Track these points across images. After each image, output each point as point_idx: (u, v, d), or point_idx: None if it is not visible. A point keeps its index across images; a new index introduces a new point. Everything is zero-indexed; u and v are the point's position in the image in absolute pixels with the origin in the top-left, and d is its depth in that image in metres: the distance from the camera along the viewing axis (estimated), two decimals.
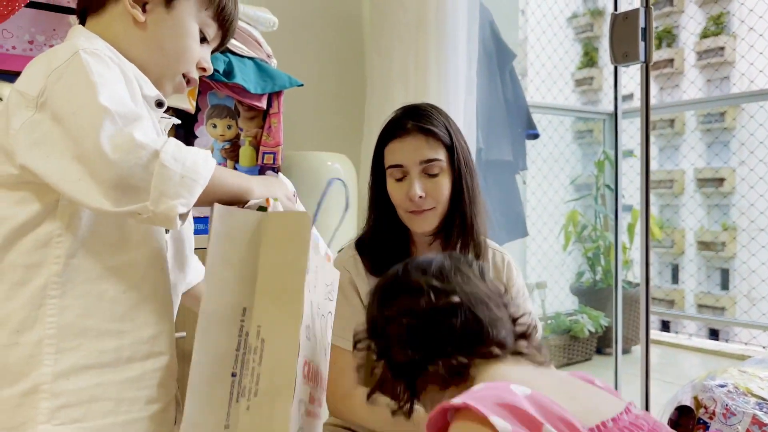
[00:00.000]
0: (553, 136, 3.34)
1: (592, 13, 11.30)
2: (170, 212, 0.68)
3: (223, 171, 0.77)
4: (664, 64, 11.45)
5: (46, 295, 0.72)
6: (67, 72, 0.71)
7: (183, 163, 0.69)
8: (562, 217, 3.44)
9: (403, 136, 1.12)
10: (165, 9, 0.83)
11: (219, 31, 0.90)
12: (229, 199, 0.76)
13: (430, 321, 0.73)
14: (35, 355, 0.72)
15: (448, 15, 1.68)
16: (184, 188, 0.69)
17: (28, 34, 1.19)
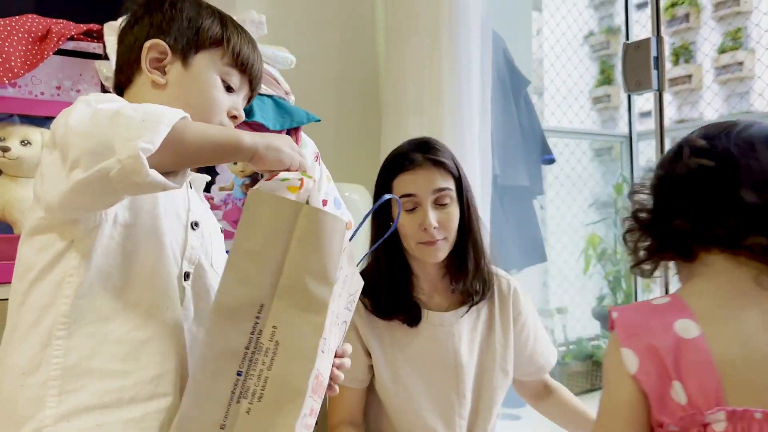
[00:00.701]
0: (570, 159, 3.33)
1: (607, 32, 11.29)
2: (133, 152, 0.64)
3: (203, 124, 0.77)
4: (682, 80, 11.38)
5: (53, 336, 0.73)
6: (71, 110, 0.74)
7: (144, 110, 0.68)
8: (582, 241, 3.42)
9: (414, 168, 1.15)
10: (183, 67, 0.87)
11: (242, 76, 0.92)
12: (215, 151, 0.75)
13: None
14: (40, 396, 0.72)
15: (461, 46, 1.71)
16: (146, 129, 0.66)
17: (56, 79, 1.24)
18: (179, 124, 0.69)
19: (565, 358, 2.99)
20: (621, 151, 3.19)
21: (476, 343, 1.23)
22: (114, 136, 0.66)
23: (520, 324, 1.26)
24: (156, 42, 0.86)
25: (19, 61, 1.14)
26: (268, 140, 0.77)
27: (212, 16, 0.91)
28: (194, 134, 0.72)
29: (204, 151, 0.74)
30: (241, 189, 1.47)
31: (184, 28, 0.88)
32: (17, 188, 1.15)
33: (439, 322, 1.21)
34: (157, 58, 0.87)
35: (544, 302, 3.23)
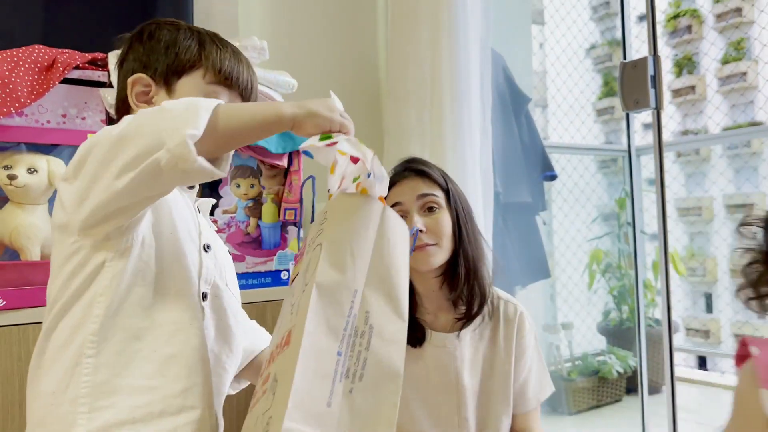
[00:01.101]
0: (573, 174, 3.34)
1: (610, 44, 11.32)
2: (181, 140, 0.68)
3: (242, 103, 0.80)
4: (686, 91, 11.39)
5: (83, 354, 0.76)
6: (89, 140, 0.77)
7: (184, 101, 0.73)
8: (586, 256, 3.42)
9: (399, 180, 1.19)
10: (168, 96, 0.88)
11: (230, 92, 0.91)
12: (258, 127, 0.76)
13: None
14: (70, 413, 0.74)
15: (461, 67, 1.73)
16: (189, 116, 0.70)
17: (62, 108, 1.26)
18: (219, 107, 0.73)
19: (571, 374, 2.97)
20: (624, 164, 3.20)
21: (479, 367, 1.22)
22: (161, 129, 0.70)
23: (521, 350, 1.24)
24: (138, 76, 0.88)
25: (25, 91, 1.16)
26: (307, 107, 0.78)
27: (190, 37, 0.90)
28: (235, 114, 0.74)
29: (247, 128, 0.76)
30: (244, 212, 1.49)
31: (162, 56, 0.88)
32: (24, 215, 1.17)
33: (442, 344, 1.21)
34: (143, 91, 0.88)
35: (550, 318, 3.23)
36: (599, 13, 10.75)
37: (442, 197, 1.18)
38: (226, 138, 0.74)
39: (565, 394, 2.84)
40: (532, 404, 1.25)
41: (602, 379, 2.98)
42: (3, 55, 1.18)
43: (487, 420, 1.21)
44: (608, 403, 3.01)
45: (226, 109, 0.74)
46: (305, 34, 1.95)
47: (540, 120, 4.08)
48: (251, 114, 0.75)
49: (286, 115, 0.76)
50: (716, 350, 6.41)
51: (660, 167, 1.47)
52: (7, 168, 1.15)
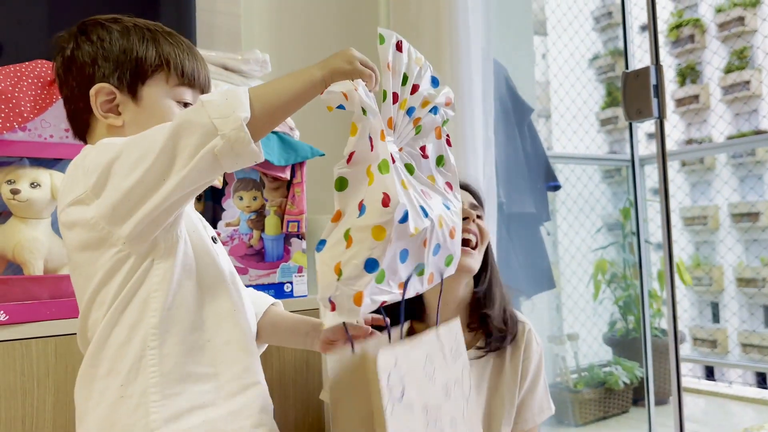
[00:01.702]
0: (577, 184, 3.34)
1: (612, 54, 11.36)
2: (237, 124, 0.71)
3: (269, 82, 0.80)
4: (689, 100, 11.40)
5: (147, 347, 0.79)
6: (95, 157, 0.78)
7: (219, 92, 0.75)
8: (591, 266, 3.40)
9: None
10: (133, 102, 0.87)
11: (194, 90, 0.92)
12: (297, 98, 0.77)
13: None
14: (142, 404, 0.78)
15: (463, 79, 1.73)
16: (236, 103, 0.73)
17: (64, 122, 1.24)
18: (252, 91, 0.75)
19: (577, 385, 2.95)
20: (628, 174, 3.19)
21: (484, 386, 1.20)
22: (211, 119, 0.72)
23: (526, 370, 1.22)
24: (100, 87, 0.86)
25: (28, 105, 1.17)
26: (330, 66, 0.79)
27: (143, 38, 0.89)
28: (271, 92, 0.76)
29: (286, 101, 0.77)
30: (247, 224, 1.49)
31: (120, 62, 0.87)
32: (27, 230, 1.17)
33: None
34: (106, 100, 0.87)
35: (555, 329, 3.21)
36: (601, 23, 10.77)
37: (482, 213, 1.22)
38: (269, 116, 0.76)
39: (571, 406, 2.82)
40: (529, 424, 1.22)
41: (609, 390, 2.95)
42: (6, 70, 1.18)
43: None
44: (615, 414, 2.98)
45: (259, 90, 0.76)
46: (307, 47, 1.96)
47: (543, 130, 4.09)
48: (286, 88, 0.77)
49: (318, 79, 0.78)
50: (723, 360, 6.37)
51: (664, 177, 1.47)
52: (10, 182, 1.15)
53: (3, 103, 1.14)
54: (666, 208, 1.48)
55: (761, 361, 5.30)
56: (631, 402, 3.06)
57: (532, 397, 1.23)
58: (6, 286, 1.14)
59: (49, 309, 1.15)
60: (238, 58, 1.41)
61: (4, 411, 1.08)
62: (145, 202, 0.74)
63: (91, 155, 0.79)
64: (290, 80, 0.78)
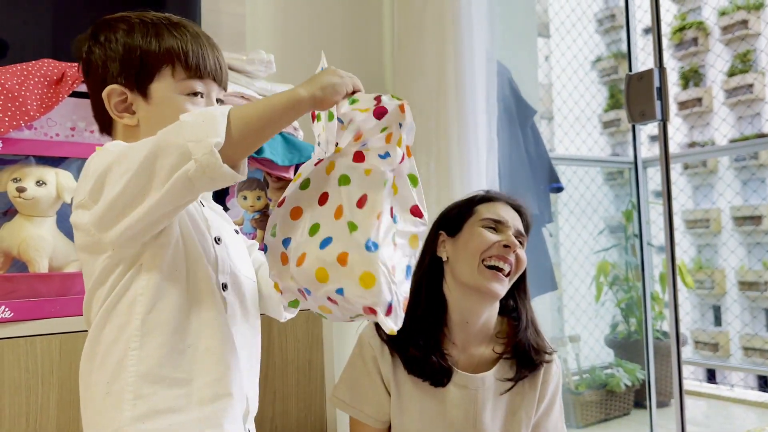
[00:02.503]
0: (579, 186, 3.34)
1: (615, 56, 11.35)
2: (207, 149, 0.70)
3: (252, 102, 0.79)
4: (692, 103, 11.38)
5: (128, 347, 0.81)
6: (98, 163, 0.79)
7: (198, 113, 0.74)
8: (593, 268, 3.40)
9: (505, 203, 1.20)
10: (144, 101, 0.88)
11: (203, 81, 0.90)
12: (279, 117, 0.76)
13: None
14: (119, 401, 0.80)
15: (466, 80, 1.74)
16: (209, 126, 0.72)
17: (70, 121, 1.27)
18: (233, 111, 0.74)
19: (579, 387, 2.95)
20: (630, 176, 3.19)
21: (501, 412, 1.18)
22: (185, 142, 0.72)
23: (543, 394, 1.20)
24: (111, 89, 0.87)
25: (35, 104, 1.17)
26: (319, 83, 0.78)
27: (146, 34, 0.88)
28: (251, 113, 0.75)
29: (267, 122, 0.76)
30: (251, 223, 1.49)
31: (125, 62, 0.87)
32: (32, 228, 1.17)
33: (464, 383, 1.16)
34: (120, 101, 0.88)
35: (557, 330, 3.21)
36: (605, 25, 10.77)
37: (524, 242, 1.21)
38: (249, 137, 0.75)
39: (572, 408, 2.82)
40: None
41: (610, 392, 2.95)
42: (13, 69, 1.19)
43: None
44: (616, 416, 2.97)
45: (239, 111, 0.75)
46: (312, 47, 1.97)
47: (546, 132, 4.09)
48: (267, 108, 0.76)
49: (305, 98, 0.76)
50: (725, 363, 6.36)
51: (667, 179, 1.47)
52: (16, 180, 1.16)
53: (9, 101, 1.15)
54: (669, 210, 1.48)
55: (763, 364, 5.29)
56: (632, 404, 3.05)
57: (548, 419, 1.22)
58: (11, 284, 1.14)
59: (54, 306, 1.15)
60: (242, 59, 1.41)
61: (8, 407, 1.09)
62: (128, 214, 0.76)
63: (95, 160, 0.81)
64: (273, 100, 0.77)
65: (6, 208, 1.20)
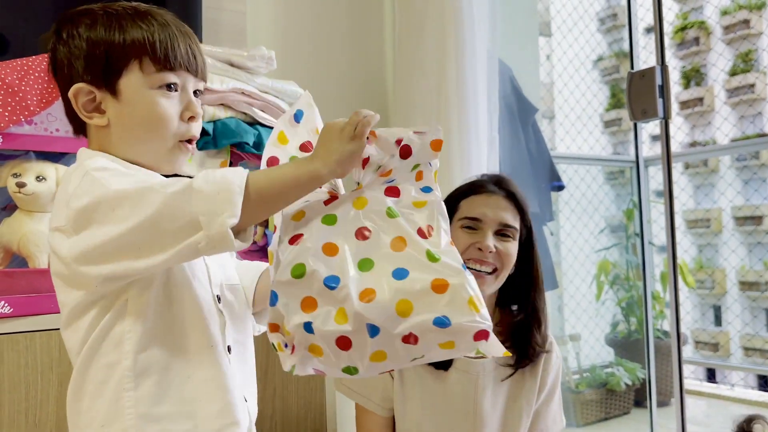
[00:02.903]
0: (580, 185, 3.33)
1: (617, 55, 11.33)
2: (222, 228, 0.69)
3: (272, 169, 0.76)
4: (694, 102, 11.37)
5: (122, 389, 0.77)
6: (80, 189, 0.75)
7: (213, 181, 0.70)
8: (594, 267, 3.40)
9: (488, 194, 1.15)
10: (114, 98, 0.81)
11: (176, 72, 0.83)
12: (297, 189, 0.74)
13: None
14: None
15: (468, 78, 1.73)
16: (225, 202, 0.69)
17: None
18: (251, 183, 0.71)
19: (579, 386, 2.95)
20: (632, 175, 3.19)
21: (502, 399, 1.18)
22: (197, 213, 0.69)
23: (544, 383, 1.21)
24: (77, 87, 0.80)
25: (35, 99, 1.17)
26: (336, 154, 0.74)
27: (109, 24, 0.81)
28: (270, 186, 0.73)
29: (285, 197, 0.75)
30: None
31: (90, 57, 0.80)
32: (32, 223, 1.17)
33: (465, 368, 1.16)
34: (88, 100, 0.81)
35: (557, 329, 3.21)
36: (606, 24, 10.76)
37: (519, 228, 1.15)
38: (264, 212, 0.74)
39: (572, 407, 2.82)
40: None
41: (610, 391, 2.95)
42: (13, 64, 1.19)
43: None
44: (616, 415, 2.98)
45: (257, 185, 0.72)
46: (313, 44, 1.96)
47: (547, 131, 4.08)
48: (286, 184, 0.73)
49: (325, 175, 0.74)
50: (726, 363, 6.36)
51: (668, 177, 1.47)
52: (16, 176, 1.16)
53: (9, 96, 1.14)
54: (670, 208, 1.47)
55: (763, 364, 5.28)
56: (632, 403, 3.05)
57: (547, 408, 1.22)
58: (11, 279, 1.14)
59: (54, 302, 1.14)
60: (243, 55, 1.41)
61: (7, 404, 1.09)
62: (119, 261, 0.73)
63: (74, 181, 0.76)
64: (290, 174, 0.74)
65: (6, 204, 1.20)
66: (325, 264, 0.74)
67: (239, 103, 1.40)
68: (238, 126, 1.38)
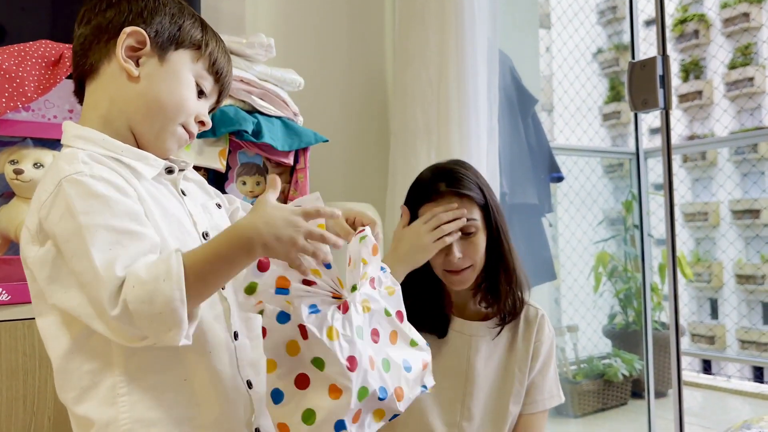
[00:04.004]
0: (579, 176, 3.33)
1: (617, 48, 11.30)
2: (173, 342, 0.69)
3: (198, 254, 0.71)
4: (693, 96, 11.36)
5: (116, 394, 0.76)
6: (53, 208, 0.73)
7: (151, 301, 0.67)
8: (592, 259, 3.40)
9: (437, 200, 1.14)
10: (158, 61, 0.83)
11: (215, 84, 0.89)
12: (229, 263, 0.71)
13: None
14: None
15: (468, 68, 1.73)
16: (167, 320, 0.68)
17: (69, 103, 1.26)
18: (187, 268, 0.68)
19: (576, 377, 2.96)
20: (630, 167, 3.18)
21: (494, 362, 1.21)
22: (143, 332, 0.69)
23: (537, 352, 1.22)
24: (137, 30, 0.81)
25: (32, 85, 1.16)
26: (275, 229, 0.71)
27: (193, 17, 0.87)
28: (200, 269, 0.70)
29: (218, 271, 0.71)
30: None
31: (166, 22, 0.84)
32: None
33: (460, 329, 1.20)
34: (133, 47, 0.82)
35: (555, 320, 3.22)
36: (606, 17, 10.73)
37: (480, 218, 1.15)
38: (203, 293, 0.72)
39: (570, 397, 2.83)
40: (538, 407, 1.22)
41: (607, 382, 2.96)
42: (10, 50, 1.18)
43: (493, 416, 1.20)
44: (613, 406, 2.99)
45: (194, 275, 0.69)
46: (312, 32, 1.95)
47: (546, 122, 4.08)
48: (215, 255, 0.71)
49: (256, 246, 0.71)
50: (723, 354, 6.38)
51: (668, 167, 1.46)
52: (13, 162, 1.15)
53: (7, 82, 1.14)
54: (670, 198, 1.47)
55: (759, 356, 5.31)
56: (629, 394, 3.07)
57: (543, 380, 1.23)
58: (8, 266, 1.14)
59: None
60: (242, 42, 1.40)
61: (5, 390, 1.08)
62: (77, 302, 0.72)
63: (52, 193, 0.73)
64: (219, 243, 0.71)
65: (3, 191, 1.20)
66: (372, 378, 0.79)
67: (238, 91, 1.39)
68: (237, 114, 1.38)
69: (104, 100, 0.82)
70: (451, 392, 1.19)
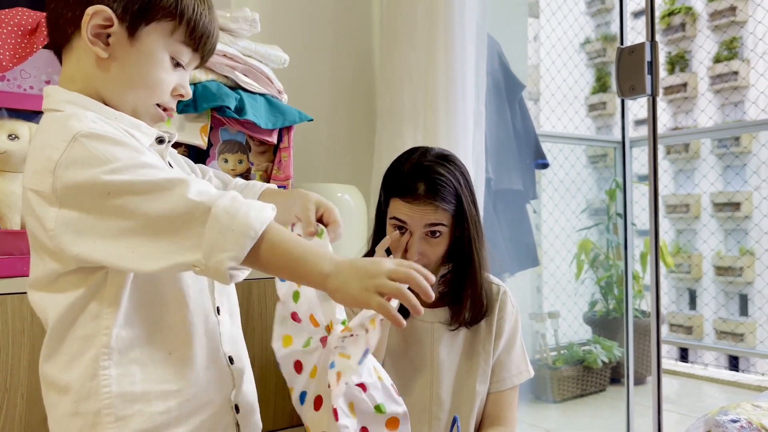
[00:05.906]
0: (564, 164, 3.34)
1: (605, 39, 11.31)
2: (220, 266, 0.68)
3: (289, 238, 0.73)
4: (677, 88, 11.44)
5: (99, 366, 0.75)
6: (74, 163, 0.70)
7: (234, 214, 0.68)
8: (574, 246, 3.43)
9: (411, 201, 1.11)
10: (128, 41, 0.78)
11: (195, 53, 0.84)
12: (299, 276, 0.74)
13: None
14: (96, 424, 0.74)
15: (456, 51, 1.71)
16: (233, 242, 0.68)
17: (45, 74, 1.22)
18: (268, 236, 0.70)
19: (556, 362, 2.99)
20: (615, 158, 3.20)
21: (458, 346, 1.20)
22: (205, 239, 0.68)
23: (500, 329, 1.22)
24: (100, 9, 0.76)
25: (7, 54, 1.13)
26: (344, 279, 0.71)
27: None
28: (282, 254, 0.72)
29: (287, 271, 0.74)
30: None
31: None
32: (4, 183, 1.13)
33: (421, 318, 1.19)
34: (101, 25, 0.76)
35: (536, 307, 3.24)
36: (594, 7, 10.73)
37: (449, 224, 1.13)
38: (263, 266, 0.72)
39: (549, 383, 2.86)
40: (506, 384, 1.22)
41: (587, 368, 2.99)
42: None
43: (462, 398, 1.19)
44: (592, 392, 3.03)
45: (272, 243, 0.71)
46: (299, 9, 1.92)
47: (532, 111, 4.08)
48: (295, 263, 0.72)
49: (328, 288, 0.72)
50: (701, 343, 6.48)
51: (654, 155, 1.46)
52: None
53: None
54: (654, 187, 1.47)
55: (736, 346, 5.41)
56: (608, 381, 3.11)
57: (509, 357, 1.23)
58: None
59: (26, 264, 1.11)
60: (226, 16, 1.37)
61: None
62: (104, 256, 0.70)
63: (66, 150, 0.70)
64: (302, 250, 0.72)
65: None
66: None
67: (221, 66, 1.36)
68: (219, 89, 1.35)
69: (79, 77, 0.80)
70: (420, 382, 1.19)
